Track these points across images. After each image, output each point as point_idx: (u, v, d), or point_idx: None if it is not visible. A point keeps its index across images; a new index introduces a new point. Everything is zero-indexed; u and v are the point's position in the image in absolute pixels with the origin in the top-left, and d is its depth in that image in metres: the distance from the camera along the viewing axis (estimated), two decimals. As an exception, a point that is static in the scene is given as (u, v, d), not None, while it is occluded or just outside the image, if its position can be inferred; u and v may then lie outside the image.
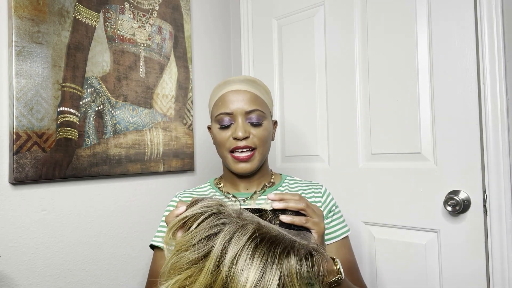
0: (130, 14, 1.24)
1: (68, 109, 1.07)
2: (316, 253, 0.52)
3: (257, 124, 0.86)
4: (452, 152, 1.04)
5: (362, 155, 1.23)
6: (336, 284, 0.65)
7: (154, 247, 0.90)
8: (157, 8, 1.32)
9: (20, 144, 0.97)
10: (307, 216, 0.65)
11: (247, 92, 0.87)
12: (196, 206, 0.57)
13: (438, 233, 1.07)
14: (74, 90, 1.09)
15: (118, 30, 1.20)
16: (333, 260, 0.67)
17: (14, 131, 0.97)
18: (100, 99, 1.15)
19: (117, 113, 1.19)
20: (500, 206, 0.96)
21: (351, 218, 1.24)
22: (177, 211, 0.62)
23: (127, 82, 1.22)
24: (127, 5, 1.23)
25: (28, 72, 1.00)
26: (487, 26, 0.98)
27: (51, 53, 1.04)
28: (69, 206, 1.08)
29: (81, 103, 1.10)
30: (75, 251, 1.09)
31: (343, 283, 0.66)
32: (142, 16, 1.27)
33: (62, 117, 1.06)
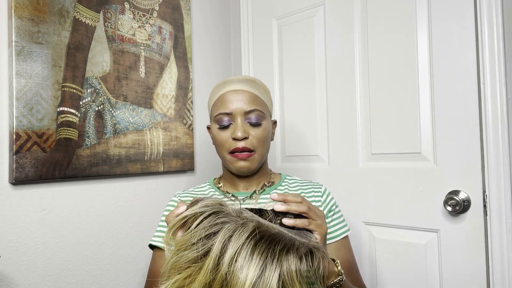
0: (130, 14, 1.24)
1: (68, 109, 1.07)
2: (317, 251, 0.52)
3: (256, 124, 0.86)
4: (452, 152, 1.04)
5: (362, 155, 1.23)
6: (337, 286, 0.65)
7: (154, 247, 0.90)
8: (157, 8, 1.32)
9: (20, 144, 0.98)
10: (309, 219, 0.64)
11: (246, 92, 0.87)
12: (196, 205, 0.57)
13: (438, 233, 1.07)
14: (74, 90, 1.09)
15: (118, 30, 1.20)
16: (334, 261, 0.67)
17: (14, 131, 0.97)
18: (100, 99, 1.15)
19: (117, 113, 1.19)
20: (500, 206, 0.96)
21: (351, 218, 1.24)
22: (177, 210, 0.62)
23: (127, 82, 1.22)
24: (127, 5, 1.23)
25: (28, 72, 1.00)
26: (487, 26, 0.98)
27: (51, 53, 1.04)
28: (69, 206, 1.08)
29: (81, 103, 1.10)
30: (75, 251, 1.09)
31: (343, 285, 0.66)
32: (142, 16, 1.27)
33: (62, 117, 1.06)
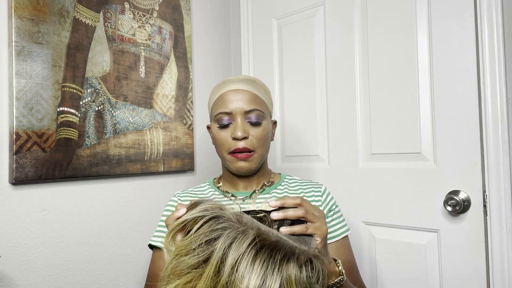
0: (130, 14, 1.24)
1: (68, 109, 1.07)
2: (316, 260, 0.52)
3: (256, 124, 0.86)
4: (452, 152, 1.04)
5: (362, 155, 1.23)
6: (338, 286, 0.65)
7: (153, 247, 0.90)
8: (157, 8, 1.32)
9: (20, 144, 0.98)
10: (308, 222, 0.64)
11: (246, 92, 0.87)
12: (196, 209, 0.57)
13: (438, 233, 1.07)
14: (74, 90, 1.09)
15: (118, 30, 1.20)
16: (335, 261, 0.67)
17: (14, 131, 0.97)
18: (100, 99, 1.15)
19: (117, 113, 1.19)
20: (500, 206, 0.96)
21: (351, 218, 1.24)
22: (176, 213, 0.61)
23: (127, 82, 1.22)
24: (127, 5, 1.23)
25: (28, 72, 1.00)
26: (487, 26, 0.98)
27: (51, 53, 1.04)
28: (69, 206, 1.08)
29: (81, 103, 1.10)
30: (75, 251, 1.09)
31: (344, 284, 0.66)
32: (142, 16, 1.27)
33: (62, 117, 1.06)
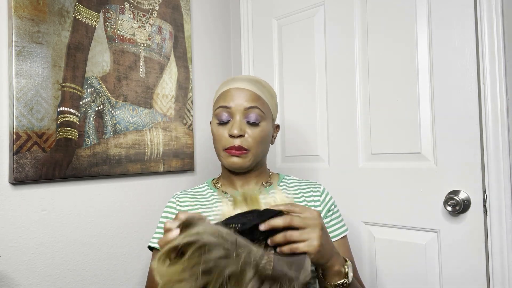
0: (130, 14, 1.24)
1: (68, 109, 1.07)
2: None
3: (254, 124, 0.86)
4: (452, 152, 1.04)
5: (362, 155, 1.23)
6: (342, 287, 0.65)
7: (153, 248, 0.91)
8: (157, 8, 1.32)
9: (20, 144, 0.98)
10: (300, 229, 0.60)
11: (249, 91, 0.87)
12: (188, 232, 0.54)
13: (438, 233, 1.06)
14: (74, 90, 1.09)
15: (118, 30, 1.20)
16: (345, 261, 0.67)
17: (14, 131, 0.97)
18: (100, 99, 1.15)
19: (117, 113, 1.19)
20: (500, 206, 0.96)
21: (351, 218, 1.24)
22: (169, 235, 0.56)
23: (127, 82, 1.22)
24: (127, 5, 1.23)
25: (28, 72, 1.00)
26: (487, 26, 0.98)
27: (51, 53, 1.04)
28: (69, 206, 1.08)
29: (81, 103, 1.10)
30: (75, 251, 1.09)
31: (351, 284, 0.66)
32: (142, 16, 1.27)
33: (62, 117, 1.06)
